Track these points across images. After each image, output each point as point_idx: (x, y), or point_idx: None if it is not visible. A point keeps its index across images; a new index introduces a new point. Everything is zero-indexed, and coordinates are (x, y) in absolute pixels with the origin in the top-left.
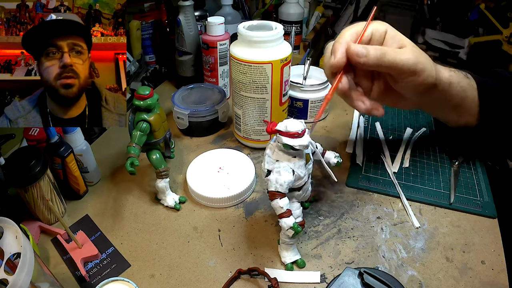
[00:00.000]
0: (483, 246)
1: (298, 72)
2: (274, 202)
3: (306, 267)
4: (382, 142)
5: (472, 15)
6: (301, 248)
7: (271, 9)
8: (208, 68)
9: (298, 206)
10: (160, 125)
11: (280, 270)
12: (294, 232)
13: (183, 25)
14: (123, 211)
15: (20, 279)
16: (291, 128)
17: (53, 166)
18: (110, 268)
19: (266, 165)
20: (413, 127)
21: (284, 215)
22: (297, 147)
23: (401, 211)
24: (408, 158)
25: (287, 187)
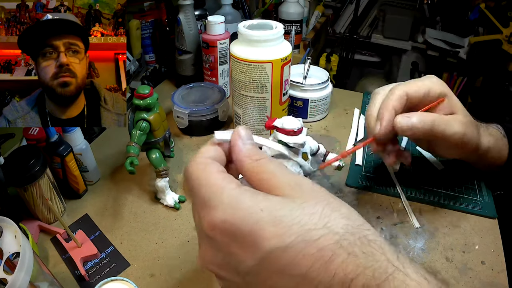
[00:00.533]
0: (483, 247)
1: (298, 71)
2: None
3: None
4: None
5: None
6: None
7: (271, 8)
8: (208, 67)
9: None
10: (160, 124)
11: None
12: None
13: (183, 24)
14: (123, 211)
15: (19, 279)
16: (287, 125)
17: (53, 165)
18: (109, 268)
19: None
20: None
21: None
22: (291, 145)
23: (401, 211)
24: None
25: None
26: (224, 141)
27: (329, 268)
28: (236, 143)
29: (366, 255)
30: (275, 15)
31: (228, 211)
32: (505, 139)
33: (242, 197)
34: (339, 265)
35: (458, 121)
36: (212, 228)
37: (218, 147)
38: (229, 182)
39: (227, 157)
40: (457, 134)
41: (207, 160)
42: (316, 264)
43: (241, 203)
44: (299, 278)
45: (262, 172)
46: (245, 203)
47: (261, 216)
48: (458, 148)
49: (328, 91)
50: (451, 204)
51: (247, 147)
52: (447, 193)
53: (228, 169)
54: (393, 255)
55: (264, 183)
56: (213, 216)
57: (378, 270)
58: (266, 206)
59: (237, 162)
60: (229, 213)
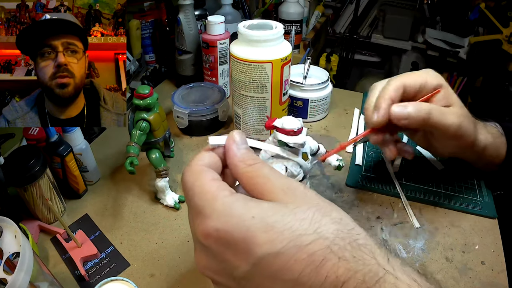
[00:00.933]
0: (483, 247)
1: (298, 71)
2: None
3: None
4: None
5: (472, 15)
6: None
7: (271, 8)
8: (208, 67)
9: None
10: (159, 124)
11: None
12: None
13: (183, 24)
14: (123, 211)
15: (19, 279)
16: (287, 125)
17: (53, 165)
18: (109, 268)
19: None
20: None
21: None
22: (291, 145)
23: (401, 211)
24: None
25: None
26: (219, 146)
27: (320, 272)
28: (231, 147)
29: (356, 259)
30: (275, 15)
31: (221, 219)
32: (503, 137)
33: (235, 205)
34: (330, 269)
35: (454, 113)
36: (206, 237)
37: (213, 153)
38: (222, 190)
39: (222, 162)
40: (453, 125)
41: (202, 167)
42: (307, 269)
43: (233, 211)
44: (291, 283)
45: (256, 176)
46: (237, 210)
47: (252, 223)
48: (454, 140)
49: (328, 91)
50: (451, 204)
51: (242, 151)
52: (447, 193)
53: (224, 174)
54: (384, 258)
55: (258, 187)
56: (207, 225)
57: (369, 274)
58: (257, 213)
59: (232, 166)
60: (222, 221)
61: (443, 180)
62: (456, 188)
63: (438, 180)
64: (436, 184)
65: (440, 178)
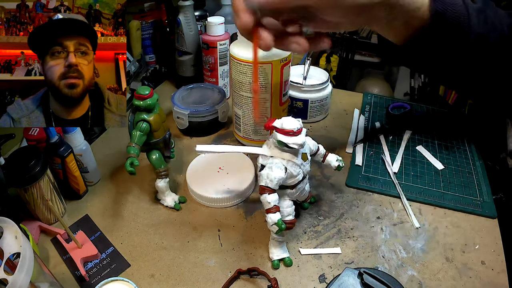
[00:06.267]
0: (483, 247)
1: (298, 72)
2: (263, 197)
3: (306, 267)
4: (382, 142)
5: None
6: (301, 248)
7: None
8: (208, 68)
9: (290, 204)
10: (160, 125)
11: (281, 268)
12: (278, 228)
13: (183, 25)
14: (123, 211)
15: (20, 279)
16: (287, 125)
17: (53, 166)
18: (109, 268)
19: (260, 159)
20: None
21: (271, 211)
22: (290, 145)
23: (401, 211)
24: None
25: (277, 183)
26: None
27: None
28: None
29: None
30: None
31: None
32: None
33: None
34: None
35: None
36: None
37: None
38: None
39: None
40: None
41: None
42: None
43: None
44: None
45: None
46: None
47: None
48: (342, 11)
49: (328, 92)
50: (451, 204)
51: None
52: (447, 193)
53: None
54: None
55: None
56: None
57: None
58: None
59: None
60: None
61: (443, 180)
62: (456, 188)
63: (438, 180)
64: (436, 184)
65: (440, 178)
